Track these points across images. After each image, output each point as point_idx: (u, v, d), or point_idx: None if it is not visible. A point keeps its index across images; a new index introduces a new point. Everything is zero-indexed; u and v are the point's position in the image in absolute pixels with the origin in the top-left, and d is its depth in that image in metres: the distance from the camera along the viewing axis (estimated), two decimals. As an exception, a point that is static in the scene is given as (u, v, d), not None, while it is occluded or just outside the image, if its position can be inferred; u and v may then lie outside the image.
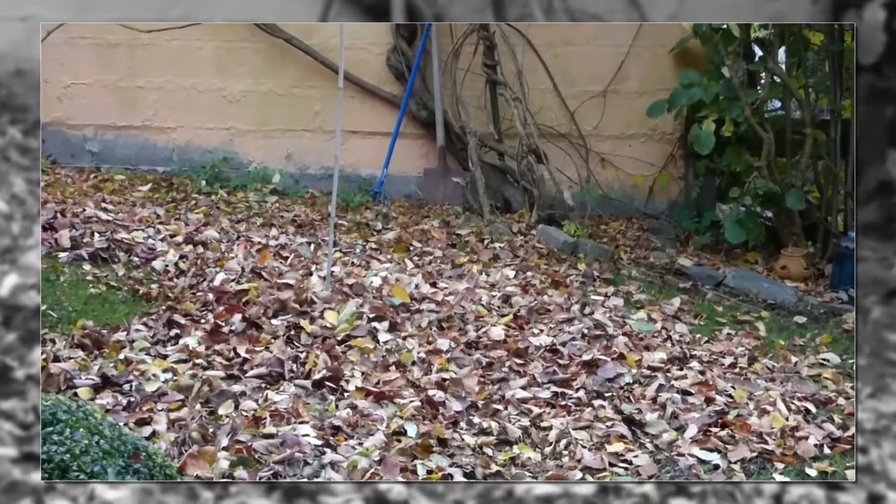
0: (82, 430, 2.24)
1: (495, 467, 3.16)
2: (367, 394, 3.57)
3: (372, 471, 3.01)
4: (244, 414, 3.34)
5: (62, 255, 4.74)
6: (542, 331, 4.39)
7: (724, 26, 5.94)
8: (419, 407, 3.47)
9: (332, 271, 4.72)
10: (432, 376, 3.78)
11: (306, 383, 3.62)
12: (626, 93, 6.79)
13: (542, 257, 5.65)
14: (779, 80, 6.14)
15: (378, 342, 4.07)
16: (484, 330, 4.31)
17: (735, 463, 3.29)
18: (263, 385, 3.60)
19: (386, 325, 4.21)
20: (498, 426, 3.42)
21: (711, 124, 6.06)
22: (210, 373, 3.60)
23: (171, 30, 6.75)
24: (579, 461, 3.24)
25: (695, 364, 4.14)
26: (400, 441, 3.23)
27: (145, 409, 3.32)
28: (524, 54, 6.72)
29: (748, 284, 5.47)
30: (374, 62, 6.89)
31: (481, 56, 6.67)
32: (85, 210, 5.44)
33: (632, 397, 3.79)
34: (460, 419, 3.47)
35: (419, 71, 6.75)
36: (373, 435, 3.25)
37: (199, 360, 3.73)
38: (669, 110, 6.37)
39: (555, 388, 3.80)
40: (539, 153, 6.41)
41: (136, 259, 4.88)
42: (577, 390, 3.80)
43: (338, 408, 3.45)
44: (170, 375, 3.56)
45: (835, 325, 4.93)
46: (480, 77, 6.74)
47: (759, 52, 6.47)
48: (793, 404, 3.75)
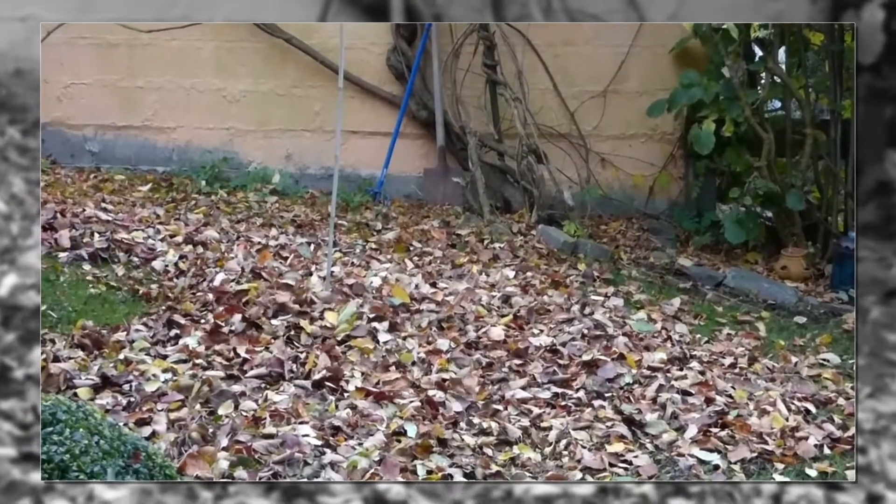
0: (82, 430, 2.24)
1: (495, 467, 3.16)
2: (367, 394, 3.56)
3: (372, 471, 3.01)
4: (244, 414, 3.34)
5: (62, 255, 4.74)
6: (541, 331, 4.38)
7: (724, 26, 5.93)
8: (419, 407, 3.47)
9: (332, 271, 4.72)
10: (432, 376, 3.78)
11: (306, 383, 3.61)
12: (626, 93, 6.78)
13: (542, 257, 5.64)
14: (779, 80, 6.14)
15: (378, 342, 4.07)
16: (484, 330, 4.31)
17: (735, 463, 3.29)
18: (263, 385, 3.60)
19: (386, 325, 4.20)
20: (498, 426, 3.42)
21: (711, 124, 6.06)
22: (210, 373, 3.60)
23: (171, 30, 6.76)
24: (579, 461, 3.24)
25: (695, 364, 4.14)
26: (400, 441, 3.22)
27: (145, 409, 3.32)
28: (524, 54, 6.71)
29: (748, 285, 5.47)
30: (374, 62, 6.89)
31: (481, 56, 6.67)
32: (85, 210, 5.43)
33: (632, 397, 3.79)
34: (460, 419, 3.47)
35: (419, 71, 6.74)
36: (373, 435, 3.25)
37: (198, 360, 3.73)
38: (669, 110, 6.37)
39: (555, 389, 3.80)
40: (539, 153, 6.41)
41: (136, 259, 4.88)
42: (577, 390, 3.80)
43: (338, 408, 3.45)
44: (170, 375, 3.56)
45: (835, 325, 4.92)
46: (480, 77, 6.73)
47: (759, 52, 6.47)
48: (793, 404, 3.75)
